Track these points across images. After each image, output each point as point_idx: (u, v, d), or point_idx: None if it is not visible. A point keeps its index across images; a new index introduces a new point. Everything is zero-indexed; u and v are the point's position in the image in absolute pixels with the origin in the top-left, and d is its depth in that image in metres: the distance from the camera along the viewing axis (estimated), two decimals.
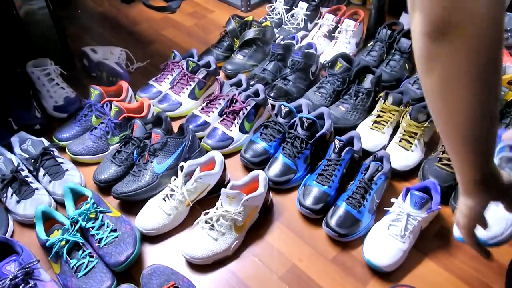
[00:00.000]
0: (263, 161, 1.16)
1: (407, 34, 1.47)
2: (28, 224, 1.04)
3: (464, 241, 0.64)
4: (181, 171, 1.02)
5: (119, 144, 1.17)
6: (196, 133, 1.21)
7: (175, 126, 1.23)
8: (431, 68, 0.48)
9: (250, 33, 1.51)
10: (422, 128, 1.15)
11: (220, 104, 1.29)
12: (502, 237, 0.75)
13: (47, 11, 1.42)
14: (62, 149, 1.21)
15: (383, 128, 1.21)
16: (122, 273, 0.93)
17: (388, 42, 1.48)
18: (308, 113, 1.19)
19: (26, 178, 1.07)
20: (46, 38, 1.47)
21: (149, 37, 1.80)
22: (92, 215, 0.95)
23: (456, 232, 0.84)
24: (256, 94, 1.28)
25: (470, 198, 0.59)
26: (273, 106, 1.34)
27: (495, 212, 0.66)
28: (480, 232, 0.64)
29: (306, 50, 1.38)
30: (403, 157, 1.14)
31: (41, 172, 1.10)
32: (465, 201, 0.60)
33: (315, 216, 1.04)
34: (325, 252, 0.99)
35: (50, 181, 1.09)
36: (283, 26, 1.71)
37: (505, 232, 0.75)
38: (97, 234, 0.94)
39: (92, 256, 0.91)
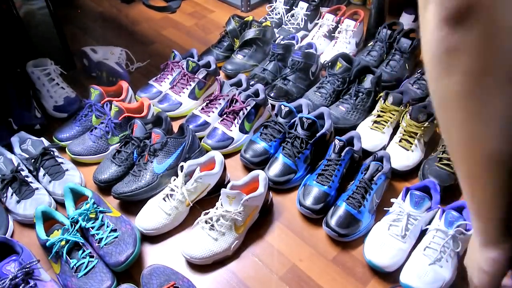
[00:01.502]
0: (263, 161, 1.16)
1: (407, 34, 1.47)
2: (28, 224, 1.04)
3: None
4: (181, 171, 1.02)
5: (119, 144, 1.17)
6: (196, 133, 1.21)
7: (175, 126, 1.23)
8: (451, 65, 0.38)
9: (250, 33, 1.51)
10: (422, 128, 1.15)
11: (220, 104, 1.29)
12: None
13: (47, 11, 1.42)
14: (62, 149, 1.21)
15: (383, 128, 1.21)
16: (122, 273, 0.93)
17: (388, 42, 1.48)
18: (308, 113, 1.19)
19: (26, 178, 1.07)
20: (46, 38, 1.47)
21: (149, 37, 1.79)
22: (92, 215, 0.95)
23: None
24: (256, 94, 1.27)
25: (494, 248, 0.48)
26: (273, 106, 1.34)
27: None
28: None
29: (306, 50, 1.38)
30: (403, 157, 1.14)
31: (41, 172, 1.10)
32: (486, 254, 0.49)
33: (315, 216, 1.04)
34: (325, 252, 0.99)
35: (50, 181, 1.09)
36: (283, 26, 1.71)
37: None
38: (97, 234, 0.94)
39: (92, 256, 0.91)
